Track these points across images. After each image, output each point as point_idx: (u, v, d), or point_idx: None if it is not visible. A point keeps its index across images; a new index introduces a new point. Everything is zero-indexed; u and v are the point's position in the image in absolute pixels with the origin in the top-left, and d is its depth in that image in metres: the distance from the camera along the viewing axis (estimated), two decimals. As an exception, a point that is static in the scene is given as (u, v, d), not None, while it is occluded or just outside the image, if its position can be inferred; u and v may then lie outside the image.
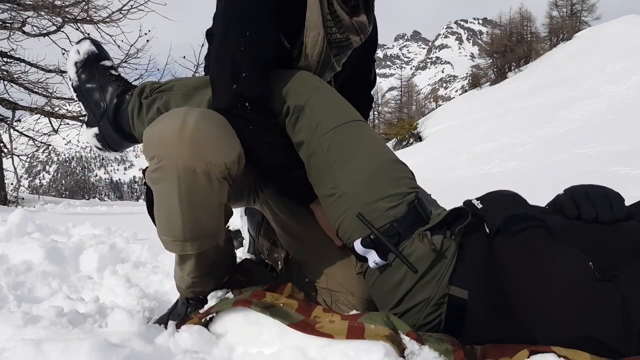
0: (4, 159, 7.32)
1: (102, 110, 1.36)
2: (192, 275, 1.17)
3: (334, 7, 1.23)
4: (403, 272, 1.06)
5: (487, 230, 1.10)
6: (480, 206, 1.16)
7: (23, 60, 7.22)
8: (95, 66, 1.39)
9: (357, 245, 1.08)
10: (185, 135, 1.00)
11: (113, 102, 1.35)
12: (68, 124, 7.70)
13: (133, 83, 1.43)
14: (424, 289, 1.06)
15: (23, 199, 7.60)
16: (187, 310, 1.23)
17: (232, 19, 1.15)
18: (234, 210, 2.10)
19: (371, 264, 1.08)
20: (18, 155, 7.54)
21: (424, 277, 1.05)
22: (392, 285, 1.09)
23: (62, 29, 7.04)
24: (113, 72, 1.41)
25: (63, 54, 7.16)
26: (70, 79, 1.41)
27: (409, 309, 1.07)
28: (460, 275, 1.05)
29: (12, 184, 7.63)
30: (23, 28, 6.86)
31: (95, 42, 1.42)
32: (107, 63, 1.41)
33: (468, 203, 1.19)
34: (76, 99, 1.42)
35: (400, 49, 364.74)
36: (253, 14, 1.14)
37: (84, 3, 6.84)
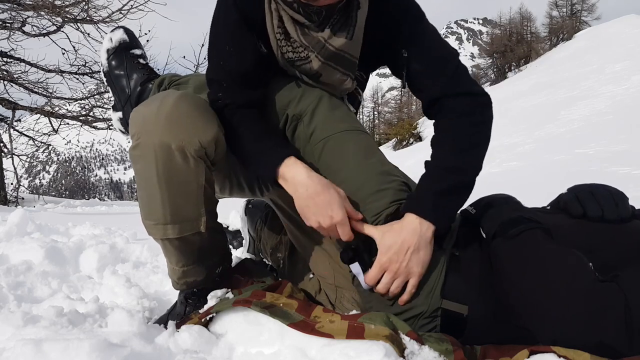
0: (4, 159, 7.32)
1: (127, 96, 1.42)
2: (181, 264, 1.20)
3: (284, 22, 1.12)
4: None
5: (484, 235, 1.09)
6: (473, 212, 1.16)
7: (23, 60, 7.23)
8: (125, 54, 1.45)
9: (341, 253, 1.11)
10: (162, 114, 1.04)
11: (137, 89, 1.42)
12: (68, 124, 7.72)
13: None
14: (413, 304, 1.06)
15: (23, 199, 7.60)
16: (186, 310, 1.23)
17: (211, 39, 1.19)
18: (234, 211, 2.11)
19: (353, 269, 1.10)
20: (18, 155, 7.56)
21: None
22: (377, 295, 1.09)
23: (62, 29, 7.05)
24: (141, 60, 1.47)
25: (63, 54, 7.18)
26: (101, 65, 1.48)
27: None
28: (455, 287, 1.04)
29: (12, 184, 7.62)
30: (23, 28, 6.86)
31: (128, 31, 1.48)
32: (137, 52, 1.47)
33: (463, 211, 1.19)
34: (106, 84, 1.48)
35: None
36: (220, 30, 1.16)
37: (84, 3, 6.85)
